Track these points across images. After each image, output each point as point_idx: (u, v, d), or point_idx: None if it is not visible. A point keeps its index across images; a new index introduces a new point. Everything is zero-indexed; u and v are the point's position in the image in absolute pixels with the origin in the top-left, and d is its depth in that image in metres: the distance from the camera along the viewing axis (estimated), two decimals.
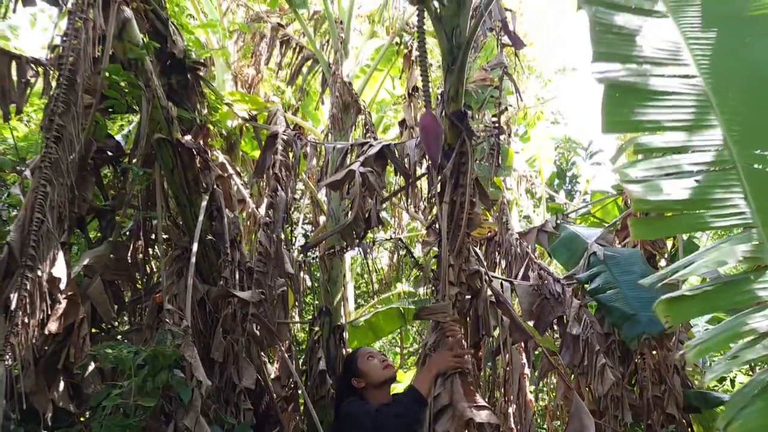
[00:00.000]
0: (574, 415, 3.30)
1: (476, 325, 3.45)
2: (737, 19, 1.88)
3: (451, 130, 3.33)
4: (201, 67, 4.27)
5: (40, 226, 3.04)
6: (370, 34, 6.22)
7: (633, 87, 1.73)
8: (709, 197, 1.58)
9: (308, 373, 4.61)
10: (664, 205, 1.59)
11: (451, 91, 3.33)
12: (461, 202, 3.23)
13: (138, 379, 2.92)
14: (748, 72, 1.77)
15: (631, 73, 1.76)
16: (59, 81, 3.21)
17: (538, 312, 4.05)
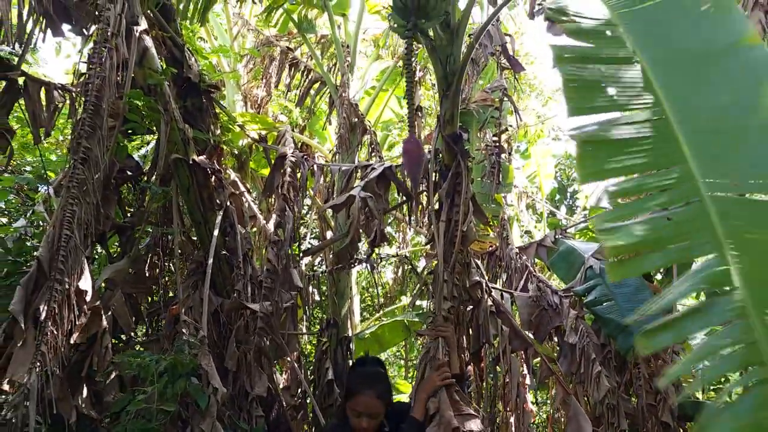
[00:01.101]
0: (573, 419, 3.46)
1: (477, 333, 3.61)
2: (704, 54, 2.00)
3: (447, 151, 3.51)
4: (215, 90, 4.51)
5: (68, 241, 3.25)
6: (375, 57, 6.47)
7: (604, 138, 1.85)
8: (678, 232, 1.66)
9: (316, 383, 4.79)
10: (635, 247, 1.67)
11: (446, 115, 3.50)
12: (456, 220, 3.40)
13: (160, 386, 3.11)
14: (712, 103, 1.89)
15: (602, 124, 1.88)
16: (85, 106, 3.43)
17: (537, 322, 4.21)
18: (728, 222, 1.62)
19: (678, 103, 1.86)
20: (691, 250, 1.64)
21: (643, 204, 1.75)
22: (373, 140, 5.48)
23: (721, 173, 1.71)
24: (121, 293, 3.85)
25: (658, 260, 1.72)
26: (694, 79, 1.94)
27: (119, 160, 3.95)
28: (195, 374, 3.51)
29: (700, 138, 1.79)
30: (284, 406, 4.29)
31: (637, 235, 1.67)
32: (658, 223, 1.69)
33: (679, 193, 1.71)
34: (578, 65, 1.99)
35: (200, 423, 3.44)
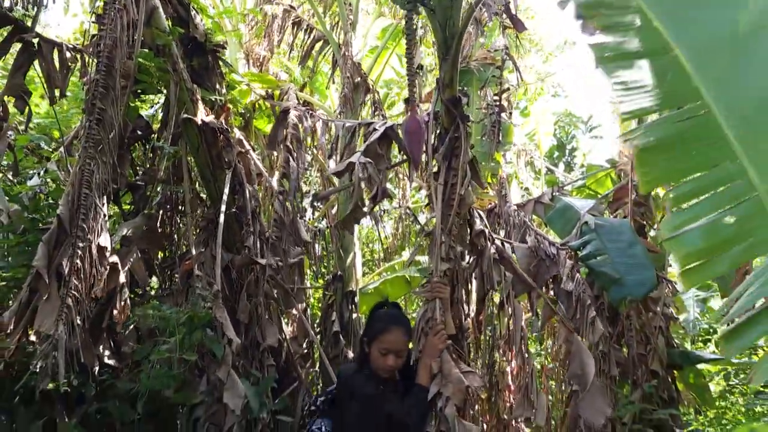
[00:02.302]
0: (575, 355, 3.63)
1: (482, 281, 3.76)
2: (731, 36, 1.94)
3: (446, 114, 3.58)
4: (221, 49, 4.56)
5: (87, 200, 3.39)
6: (377, 15, 6.46)
7: (658, 143, 1.85)
8: (740, 231, 1.68)
9: (323, 335, 5.01)
10: (703, 254, 1.71)
11: (446, 78, 3.54)
12: (453, 183, 3.49)
13: (179, 337, 3.29)
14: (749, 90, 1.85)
15: (653, 128, 1.89)
16: (98, 67, 3.51)
17: (535, 271, 4.35)
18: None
19: (717, 93, 1.83)
20: (756, 248, 1.68)
21: (703, 207, 1.76)
22: (376, 99, 5.56)
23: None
24: (137, 249, 4.01)
25: (726, 263, 1.74)
26: (727, 64, 1.91)
27: (130, 120, 4.04)
28: (210, 326, 3.70)
29: (744, 129, 1.76)
30: (293, 355, 4.50)
31: (702, 241, 1.70)
32: (720, 225, 1.71)
33: (734, 192, 1.72)
34: (618, 63, 1.99)
35: (216, 371, 3.65)
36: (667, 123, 1.88)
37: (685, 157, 1.82)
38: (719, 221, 1.72)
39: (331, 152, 5.25)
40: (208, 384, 3.71)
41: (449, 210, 3.49)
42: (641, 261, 4.19)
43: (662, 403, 4.83)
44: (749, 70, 1.87)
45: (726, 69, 1.90)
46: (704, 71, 1.88)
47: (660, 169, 1.83)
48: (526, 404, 3.60)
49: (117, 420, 3.71)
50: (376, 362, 2.73)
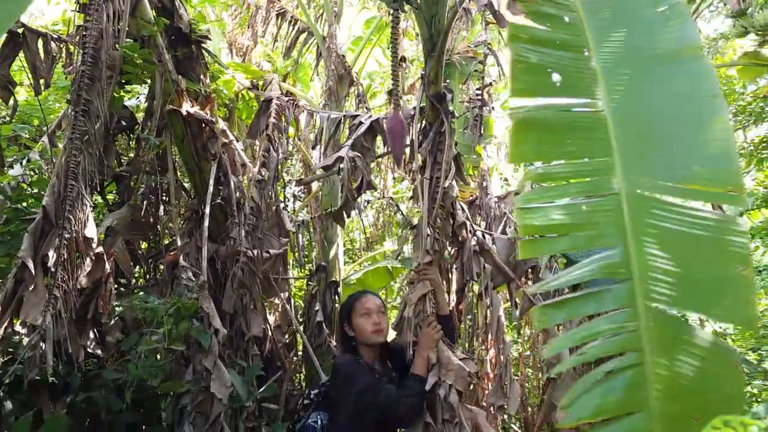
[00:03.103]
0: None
1: (462, 272, 3.85)
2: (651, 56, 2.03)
3: (431, 110, 3.63)
4: (205, 39, 4.56)
5: (72, 191, 3.39)
6: (361, 7, 6.48)
7: (540, 122, 1.91)
8: (590, 221, 1.76)
9: (306, 324, 5.07)
10: (546, 229, 1.78)
11: (431, 75, 3.58)
12: (437, 177, 3.55)
13: (167, 327, 3.33)
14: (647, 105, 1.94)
15: (540, 108, 1.94)
16: (84, 58, 3.50)
17: (515, 262, 4.47)
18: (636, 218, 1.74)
19: (617, 99, 1.93)
20: (597, 239, 1.76)
21: (564, 190, 1.84)
22: (360, 92, 5.60)
23: (639, 171, 1.81)
24: (122, 240, 4.02)
25: (565, 244, 1.83)
26: (637, 78, 2.00)
27: (115, 110, 4.03)
28: (196, 317, 3.74)
29: (629, 136, 1.87)
30: (277, 344, 4.55)
31: (550, 218, 1.79)
32: (573, 210, 1.80)
33: (598, 184, 1.81)
34: (529, 46, 2.02)
35: (202, 360, 3.70)
36: (559, 108, 1.96)
37: (562, 143, 1.89)
38: (573, 206, 1.81)
39: (316, 143, 5.29)
40: (194, 373, 3.75)
41: (433, 204, 3.56)
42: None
43: None
44: (650, 88, 1.98)
45: (631, 81, 1.99)
46: (610, 76, 1.97)
47: (533, 147, 1.90)
48: (500, 393, 3.69)
49: (102, 409, 3.74)
50: (362, 333, 2.82)
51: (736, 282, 1.64)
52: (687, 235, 1.72)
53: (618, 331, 1.65)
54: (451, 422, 3.00)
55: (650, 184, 1.78)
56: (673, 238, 1.72)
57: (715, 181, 1.74)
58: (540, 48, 2.03)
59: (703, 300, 1.67)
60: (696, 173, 1.76)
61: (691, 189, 1.75)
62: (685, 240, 1.71)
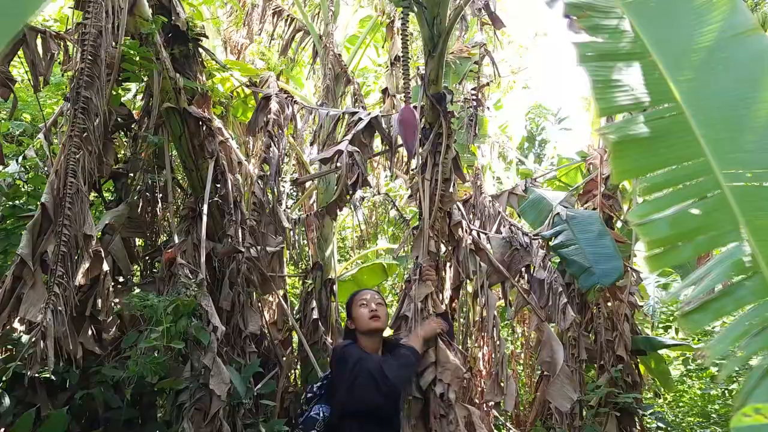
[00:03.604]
0: (546, 343, 3.81)
1: (457, 270, 3.90)
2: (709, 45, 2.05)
3: (431, 110, 3.68)
4: (203, 37, 4.56)
5: (72, 188, 3.39)
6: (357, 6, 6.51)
7: (632, 137, 1.96)
8: (704, 223, 1.80)
9: (302, 322, 5.10)
10: (669, 240, 1.82)
11: (431, 75, 3.64)
12: (436, 179, 3.59)
13: (166, 324, 3.35)
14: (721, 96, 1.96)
15: (629, 123, 1.98)
16: (83, 56, 3.50)
17: (509, 261, 4.52)
18: (745, 210, 1.75)
19: (690, 96, 1.95)
20: (717, 239, 1.79)
21: (672, 197, 1.88)
22: (357, 90, 5.63)
23: (734, 163, 1.82)
24: (120, 237, 4.02)
25: (689, 251, 1.85)
26: (703, 71, 2.02)
27: (113, 108, 4.03)
28: (194, 314, 3.75)
29: (712, 130, 1.88)
30: (273, 341, 4.58)
31: (668, 229, 1.82)
32: (686, 216, 1.83)
33: (700, 186, 1.84)
34: (600, 63, 2.08)
35: (201, 357, 3.72)
36: (642, 120, 1.98)
37: (656, 153, 1.93)
38: (685, 212, 1.84)
39: (314, 140, 5.31)
40: (192, 370, 3.77)
41: (432, 205, 3.60)
42: (610, 251, 4.40)
43: (626, 387, 5.08)
44: (720, 78, 1.99)
45: (699, 75, 2.01)
46: (677, 76, 2.00)
47: (633, 162, 1.94)
48: (497, 389, 3.75)
49: (100, 406, 3.75)
50: (361, 321, 2.92)
51: None
52: None
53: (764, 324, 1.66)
54: (446, 418, 3.07)
55: (749, 173, 1.81)
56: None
57: None
58: (609, 62, 2.08)
59: None
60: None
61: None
62: None
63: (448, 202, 3.64)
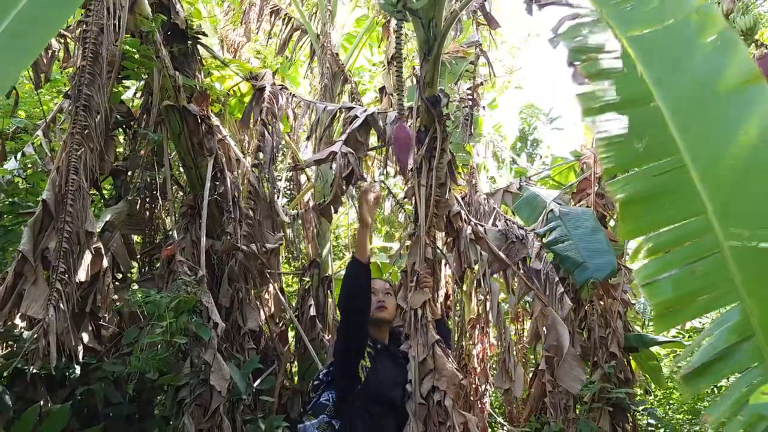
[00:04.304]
0: (551, 327, 3.83)
1: (459, 260, 3.92)
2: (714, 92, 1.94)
3: (426, 113, 3.69)
4: (202, 36, 4.59)
5: (74, 186, 3.41)
6: (354, 6, 6.55)
7: (638, 194, 1.92)
8: (704, 284, 1.79)
9: (300, 319, 5.13)
10: (673, 302, 1.82)
11: (427, 78, 3.62)
12: (431, 184, 3.60)
13: (168, 321, 3.37)
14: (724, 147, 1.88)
15: (635, 178, 1.94)
16: (84, 54, 3.52)
17: (506, 253, 4.58)
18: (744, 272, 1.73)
19: (693, 147, 1.89)
20: (716, 301, 1.80)
21: (674, 258, 1.86)
22: (354, 89, 5.67)
23: (736, 222, 1.78)
24: (119, 234, 4.04)
25: (692, 312, 1.85)
26: (706, 120, 1.95)
27: (113, 105, 4.04)
28: (194, 310, 3.78)
29: (716, 187, 1.83)
30: (272, 335, 4.61)
31: (672, 290, 1.83)
32: (687, 277, 1.82)
33: (702, 246, 1.81)
34: (604, 116, 2.01)
35: (202, 354, 3.75)
36: (646, 176, 1.93)
37: (659, 210, 1.90)
38: (687, 273, 1.83)
39: (310, 135, 5.34)
40: (192, 366, 3.80)
41: (428, 210, 3.60)
42: (603, 247, 4.47)
43: (619, 383, 5.16)
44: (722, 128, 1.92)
45: (701, 124, 1.93)
46: (680, 123, 1.92)
47: (639, 221, 1.92)
48: (505, 376, 3.77)
49: (100, 402, 3.77)
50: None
51: None
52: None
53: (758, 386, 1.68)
54: (444, 425, 3.09)
55: (748, 233, 1.77)
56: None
57: None
58: (614, 114, 2.00)
59: None
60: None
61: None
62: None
63: (444, 208, 3.64)
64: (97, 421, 3.82)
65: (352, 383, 2.74)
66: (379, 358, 2.87)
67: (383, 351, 2.93)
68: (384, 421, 2.71)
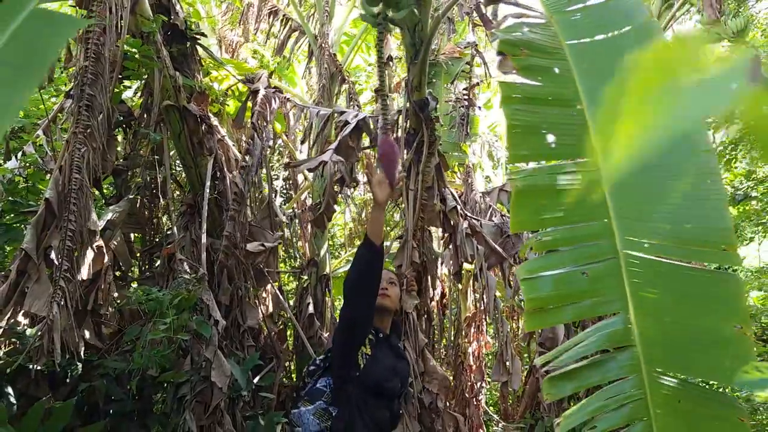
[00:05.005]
0: None
1: (456, 254, 3.97)
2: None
3: (414, 116, 3.73)
4: (201, 36, 4.63)
5: (76, 184, 3.45)
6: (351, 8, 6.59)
7: (538, 187, 1.86)
8: (592, 288, 1.74)
9: (298, 317, 5.18)
10: (551, 300, 1.76)
11: (414, 81, 3.66)
12: (418, 189, 3.63)
13: (171, 317, 3.42)
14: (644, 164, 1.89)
15: (538, 172, 1.89)
16: (87, 54, 3.56)
17: (502, 247, 4.63)
18: (635, 282, 1.69)
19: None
20: (601, 306, 1.73)
21: (565, 256, 1.80)
22: (351, 89, 5.73)
23: (636, 232, 1.75)
24: (121, 232, 4.08)
25: (570, 314, 1.77)
26: None
27: (114, 105, 4.08)
28: (195, 308, 3.82)
29: (625, 194, 1.79)
30: (271, 333, 4.66)
31: (554, 289, 1.76)
32: (575, 278, 1.76)
33: (598, 249, 1.76)
34: (522, 107, 1.98)
35: (202, 351, 3.79)
36: (552, 171, 1.89)
37: (561, 207, 1.83)
38: (574, 274, 1.76)
39: (305, 138, 5.39)
40: (193, 363, 3.84)
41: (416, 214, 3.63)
42: None
43: None
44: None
45: None
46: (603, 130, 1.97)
47: (534, 213, 1.85)
48: (502, 370, 3.82)
49: (101, 399, 3.81)
50: None
51: (736, 341, 1.61)
52: (685, 296, 1.71)
53: (625, 401, 1.63)
54: (434, 427, 3.15)
55: (647, 245, 1.74)
56: (672, 300, 1.71)
57: (708, 239, 1.72)
58: (533, 107, 1.98)
59: (704, 364, 1.65)
60: (690, 232, 1.73)
61: (686, 248, 1.73)
62: (683, 301, 1.70)
63: (430, 212, 3.67)
64: (98, 418, 3.86)
65: (351, 370, 2.69)
66: (380, 347, 2.81)
67: (384, 341, 2.90)
68: (379, 413, 2.70)
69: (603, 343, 1.71)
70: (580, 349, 1.73)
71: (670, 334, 1.66)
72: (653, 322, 1.67)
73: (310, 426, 2.56)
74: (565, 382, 1.71)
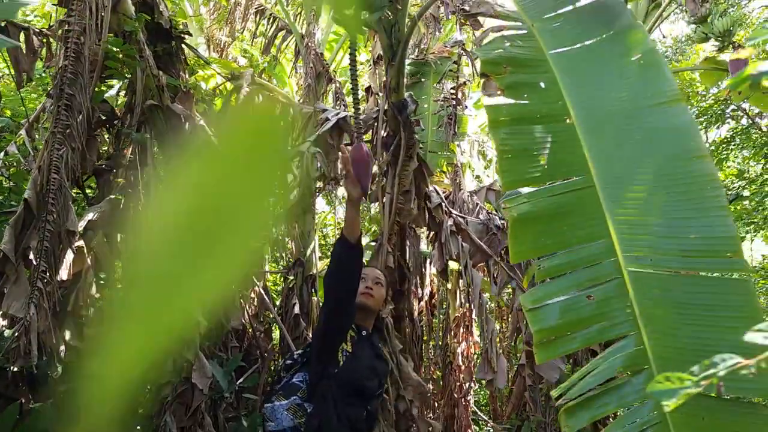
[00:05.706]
0: None
1: (441, 253, 3.95)
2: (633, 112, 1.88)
3: (393, 119, 3.69)
4: (187, 35, 4.60)
5: (55, 185, 3.43)
6: None
7: (535, 214, 1.80)
8: (599, 311, 1.70)
9: (283, 317, 5.15)
10: (559, 330, 1.72)
11: (392, 83, 3.63)
12: (394, 192, 3.59)
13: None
14: (635, 171, 1.82)
15: (534, 197, 1.84)
16: (67, 53, 3.53)
17: (488, 244, 4.62)
18: (642, 299, 1.65)
19: (605, 170, 1.80)
20: (611, 330, 1.69)
21: (569, 281, 1.75)
22: (338, 89, 5.71)
23: (639, 247, 1.71)
24: (102, 233, 4.05)
25: (580, 341, 1.72)
26: (620, 141, 1.87)
27: (95, 104, 4.05)
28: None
29: (623, 209, 1.76)
30: (256, 333, 4.64)
31: (560, 317, 1.71)
32: (580, 303, 1.72)
33: (601, 270, 1.72)
34: (511, 129, 1.92)
35: (184, 352, 3.77)
36: (547, 194, 1.84)
37: (557, 231, 1.79)
38: (579, 299, 1.72)
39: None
40: (174, 365, 3.82)
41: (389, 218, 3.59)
42: None
43: None
44: (636, 151, 1.85)
45: (615, 145, 1.86)
46: (594, 143, 1.84)
47: (533, 240, 1.80)
48: (488, 368, 3.80)
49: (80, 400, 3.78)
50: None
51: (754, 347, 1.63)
52: (695, 307, 1.66)
53: (644, 428, 1.58)
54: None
55: (651, 259, 1.69)
56: (682, 313, 1.66)
57: (713, 248, 1.69)
58: (522, 128, 1.92)
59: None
60: (693, 242, 1.70)
61: (691, 259, 1.69)
62: (694, 314, 1.66)
63: (407, 216, 3.64)
64: (77, 419, 3.83)
65: (329, 366, 2.67)
66: (361, 345, 2.78)
67: (366, 339, 2.87)
68: (355, 411, 2.65)
69: (618, 366, 1.67)
70: (590, 378, 1.69)
71: (684, 349, 1.62)
72: (665, 340, 1.63)
73: (284, 421, 2.51)
74: (583, 411, 1.66)
